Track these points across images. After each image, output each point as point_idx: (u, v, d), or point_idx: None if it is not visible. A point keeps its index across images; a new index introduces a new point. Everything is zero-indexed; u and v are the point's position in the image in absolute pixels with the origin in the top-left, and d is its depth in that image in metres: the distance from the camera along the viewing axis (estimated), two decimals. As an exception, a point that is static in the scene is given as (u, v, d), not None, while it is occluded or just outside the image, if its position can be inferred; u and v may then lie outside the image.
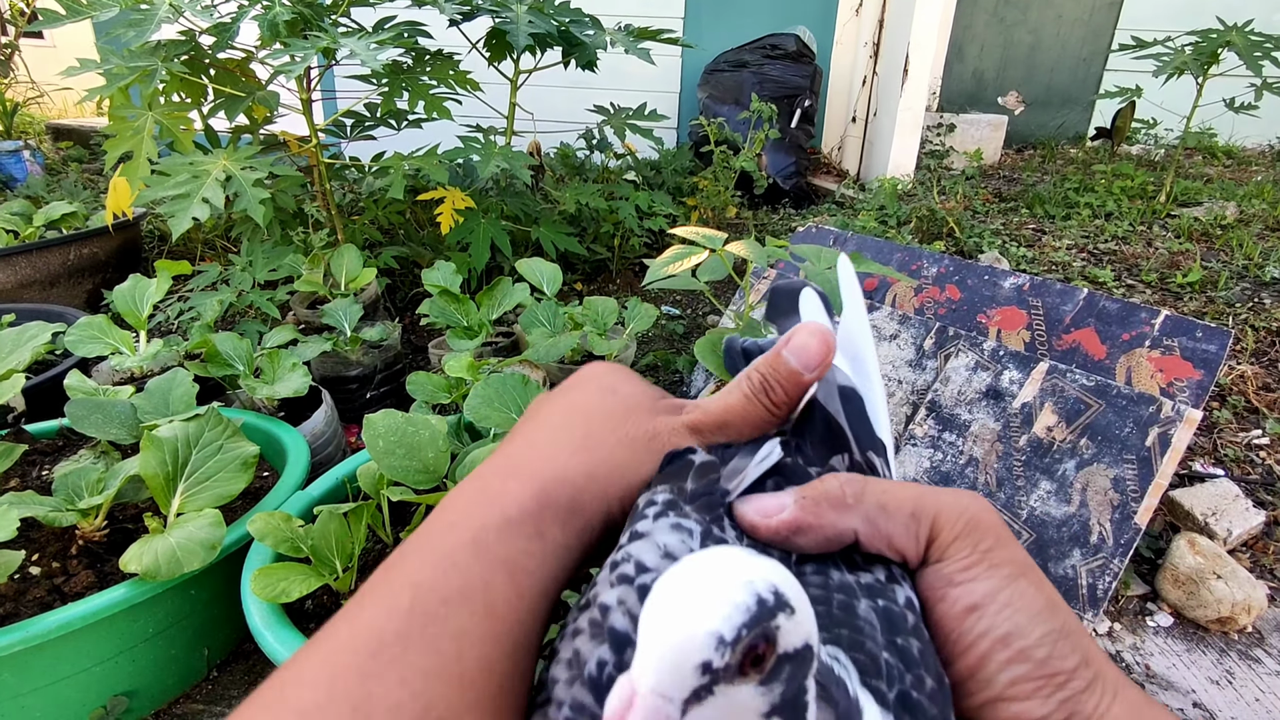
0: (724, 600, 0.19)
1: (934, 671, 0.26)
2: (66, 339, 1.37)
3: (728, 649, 0.18)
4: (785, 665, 0.20)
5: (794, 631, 0.20)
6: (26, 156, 3.38)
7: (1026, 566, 0.28)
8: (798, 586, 0.21)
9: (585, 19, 2.05)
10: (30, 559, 0.99)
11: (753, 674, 0.19)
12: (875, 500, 0.29)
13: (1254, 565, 1.29)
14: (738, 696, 0.19)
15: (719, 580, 0.19)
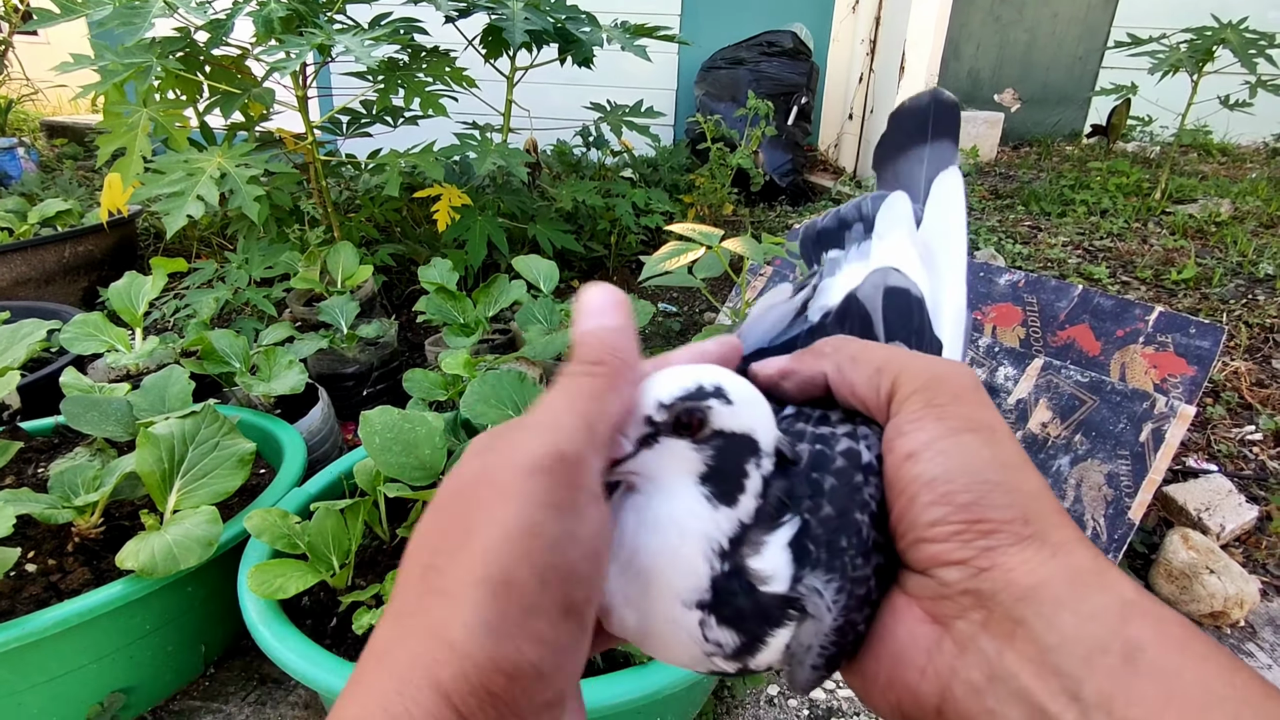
0: (675, 383, 0.28)
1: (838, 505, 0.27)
2: (62, 336, 1.36)
3: (664, 410, 0.27)
4: (720, 438, 0.27)
5: (730, 417, 0.27)
6: (21, 154, 3.36)
7: (982, 425, 0.27)
8: (750, 396, 0.28)
9: (581, 15, 2.04)
10: (26, 556, 0.99)
11: (685, 435, 0.27)
12: (849, 352, 0.31)
13: (1246, 560, 1.29)
14: (674, 448, 0.27)
15: (681, 374, 0.28)
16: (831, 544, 0.27)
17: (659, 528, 0.27)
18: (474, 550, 0.23)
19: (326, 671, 0.75)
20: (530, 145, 2.95)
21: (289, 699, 1.04)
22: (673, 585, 0.27)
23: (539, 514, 0.23)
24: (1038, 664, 0.22)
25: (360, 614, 0.83)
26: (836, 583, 0.26)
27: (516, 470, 0.24)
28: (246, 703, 1.03)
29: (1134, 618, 0.22)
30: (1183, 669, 0.21)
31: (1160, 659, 0.21)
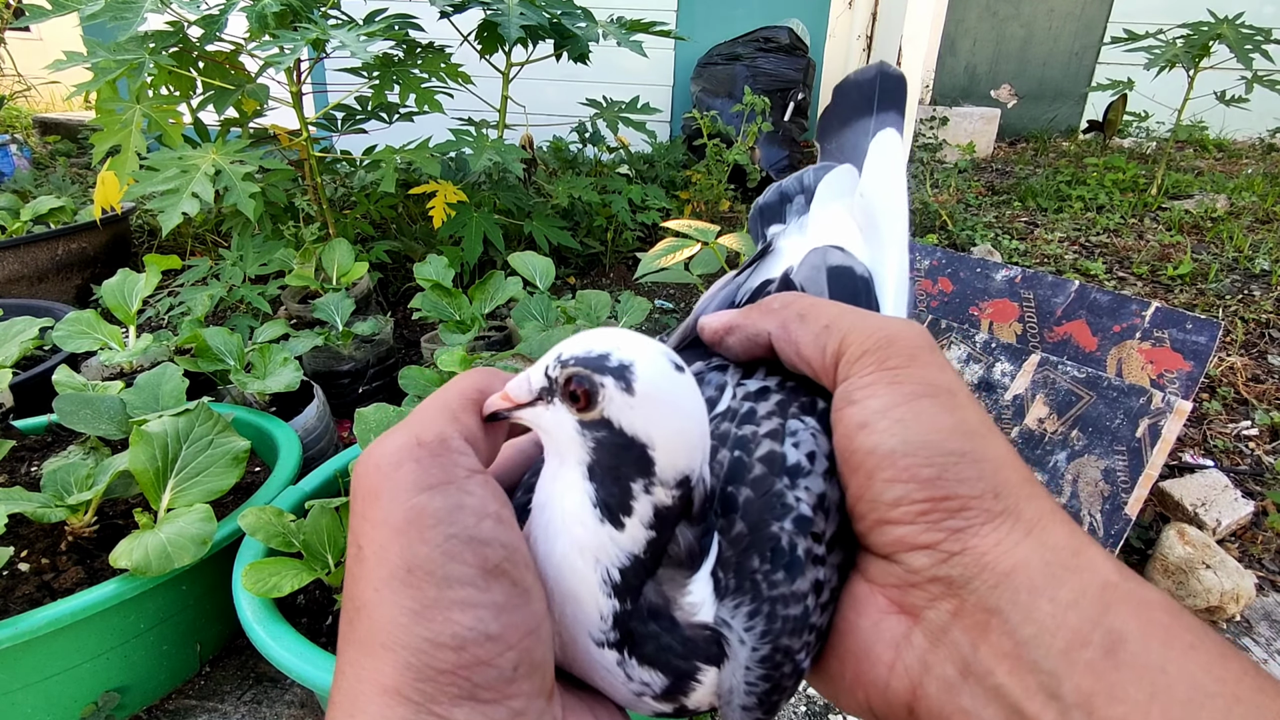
0: (585, 343, 0.24)
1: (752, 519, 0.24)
2: (55, 334, 1.36)
3: (559, 366, 0.23)
4: (605, 430, 0.23)
5: (625, 412, 0.23)
6: (13, 151, 3.34)
7: (940, 388, 0.25)
8: (666, 397, 0.23)
9: (577, 11, 2.03)
10: (19, 555, 0.98)
11: (573, 408, 0.23)
12: (797, 309, 0.28)
13: (1242, 555, 1.30)
14: (563, 419, 0.24)
15: (603, 337, 0.24)
16: (741, 566, 0.24)
17: (555, 533, 0.24)
18: (369, 557, 0.23)
19: (322, 670, 0.75)
20: (526, 141, 2.94)
21: (285, 698, 1.03)
22: (579, 619, 0.24)
23: (416, 498, 0.23)
24: (1014, 659, 0.21)
25: (356, 612, 0.83)
26: (747, 608, 0.23)
27: (382, 470, 0.24)
28: (242, 701, 1.03)
29: (1115, 604, 0.20)
30: (1168, 662, 0.19)
31: (1144, 651, 0.20)
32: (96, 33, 2.74)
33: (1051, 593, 0.21)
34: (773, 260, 0.38)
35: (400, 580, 0.22)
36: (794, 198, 0.40)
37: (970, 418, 0.24)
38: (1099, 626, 0.20)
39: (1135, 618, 0.20)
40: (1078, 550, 0.22)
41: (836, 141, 0.42)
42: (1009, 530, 0.22)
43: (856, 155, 0.40)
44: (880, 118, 0.40)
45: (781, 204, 0.40)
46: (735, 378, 0.30)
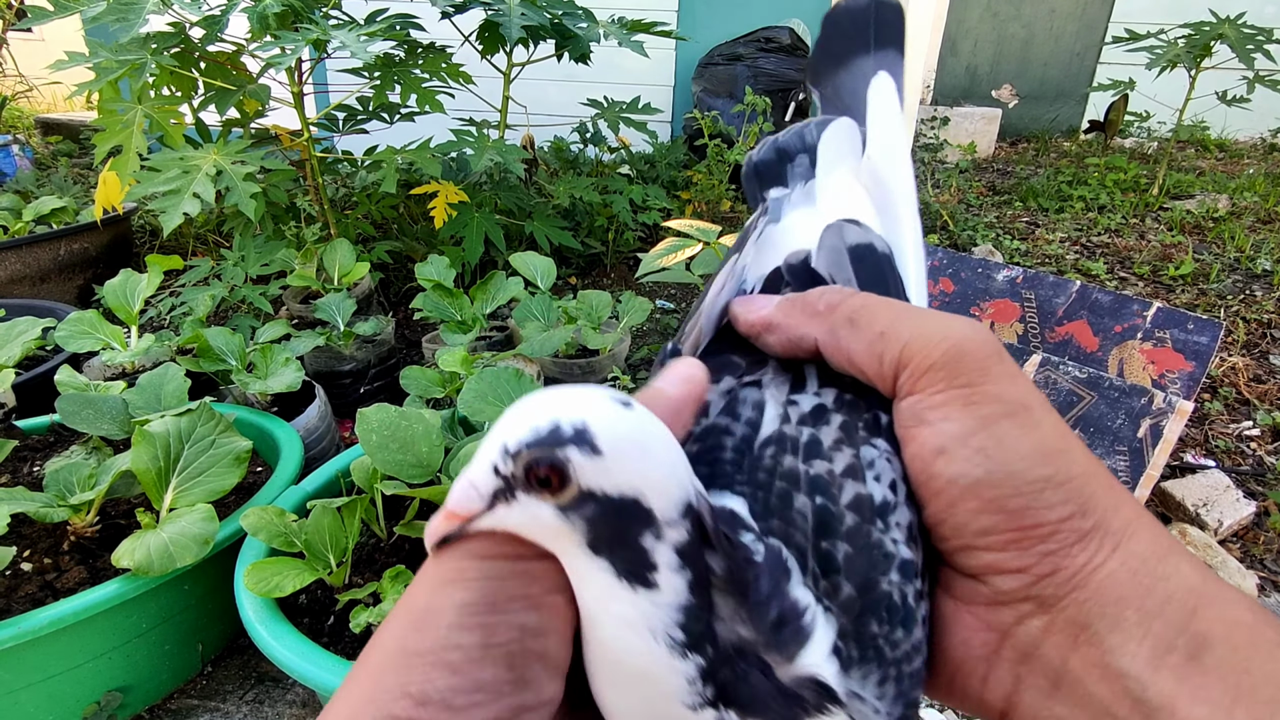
0: (526, 420, 0.21)
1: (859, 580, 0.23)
2: (57, 334, 1.36)
3: (509, 458, 0.21)
4: (590, 503, 0.21)
5: (602, 475, 0.21)
6: (15, 151, 3.35)
7: (1018, 406, 0.24)
8: (632, 441, 0.21)
9: (578, 11, 2.04)
10: (22, 555, 0.98)
11: (546, 495, 0.21)
12: (847, 312, 0.27)
13: (1244, 555, 1.30)
14: (539, 513, 0.21)
15: (541, 407, 0.21)
16: (861, 634, 0.22)
17: (596, 622, 0.23)
18: (413, 589, 0.23)
19: (323, 670, 0.75)
20: (527, 142, 2.94)
21: (286, 697, 1.04)
22: (663, 695, 0.23)
23: (465, 557, 0.23)
24: (1102, 668, 0.21)
25: (357, 612, 0.83)
26: (876, 675, 0.22)
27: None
28: (244, 701, 1.03)
29: (1200, 608, 0.21)
30: (1251, 663, 0.20)
31: (1229, 653, 0.20)
32: (98, 33, 2.74)
33: (1139, 602, 0.21)
34: (780, 237, 0.34)
35: (415, 616, 0.22)
36: (795, 156, 0.36)
37: (1050, 435, 0.24)
38: (1184, 632, 0.20)
39: (1219, 621, 0.20)
40: (1163, 556, 0.22)
41: (833, 85, 0.38)
42: (1098, 546, 0.22)
43: (856, 102, 0.37)
44: (879, 56, 0.37)
45: (781, 163, 0.36)
46: (780, 392, 0.27)
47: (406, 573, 0.88)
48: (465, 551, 0.23)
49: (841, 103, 0.38)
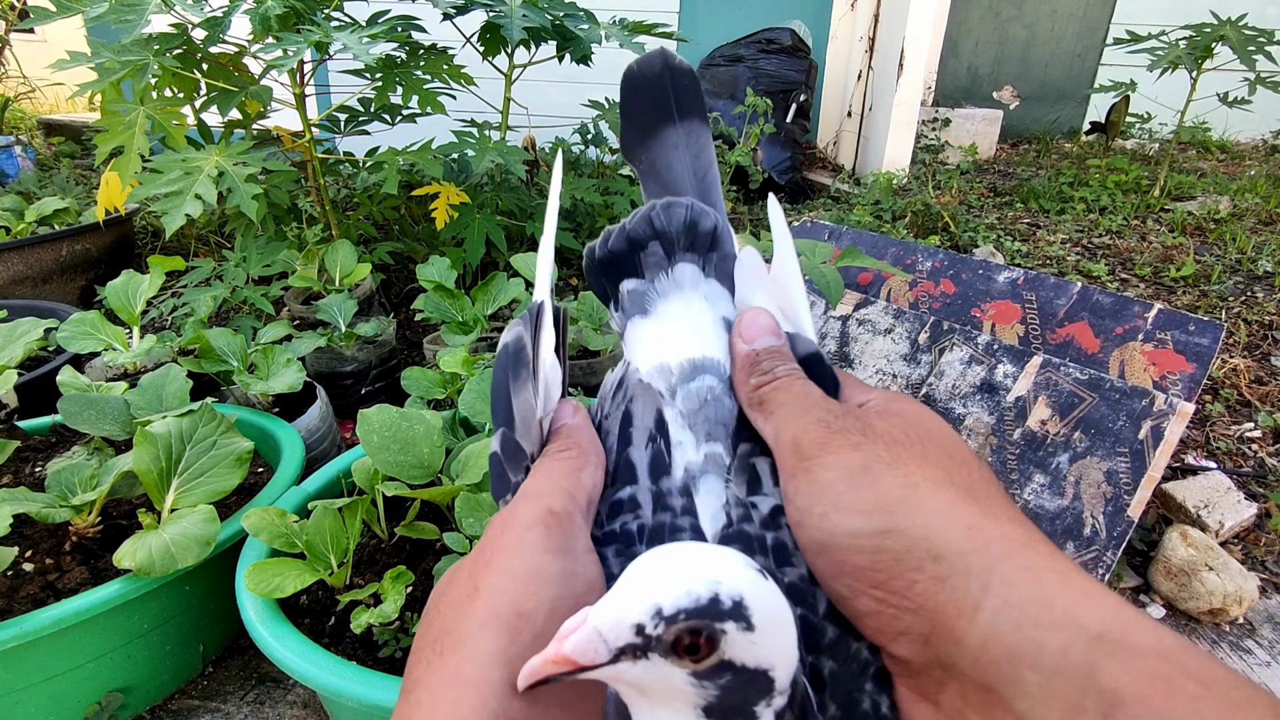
0: (683, 583, 0.20)
1: None
2: (59, 335, 1.36)
3: (661, 622, 0.20)
4: (728, 673, 0.21)
5: (747, 649, 0.20)
6: (18, 152, 3.35)
7: (857, 468, 0.24)
8: (778, 618, 0.21)
9: (579, 13, 2.04)
10: (24, 555, 0.98)
11: (687, 660, 0.20)
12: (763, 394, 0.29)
13: (1245, 557, 1.29)
14: (668, 674, 0.21)
15: (694, 568, 0.21)
16: None
17: None
18: (481, 599, 0.24)
19: (324, 670, 0.75)
20: (529, 143, 2.94)
21: (288, 698, 1.04)
22: None
23: (540, 558, 0.24)
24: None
25: (358, 613, 0.83)
26: None
27: (515, 530, 0.25)
28: (245, 702, 1.03)
29: (1103, 661, 0.19)
30: (1171, 718, 0.18)
31: (1144, 712, 0.18)
32: (101, 34, 2.75)
33: (1033, 660, 0.20)
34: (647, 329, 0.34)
35: (504, 624, 0.23)
36: (648, 244, 0.35)
37: (890, 487, 0.23)
38: (1089, 690, 0.19)
39: (1128, 673, 0.19)
40: (1048, 602, 0.20)
41: (648, 160, 0.38)
42: (964, 591, 0.21)
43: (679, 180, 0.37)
44: (686, 127, 0.37)
45: (633, 252, 0.35)
46: (734, 488, 0.28)
47: (407, 573, 0.88)
48: (540, 547, 0.25)
49: (660, 178, 0.37)
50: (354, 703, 0.73)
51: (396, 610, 0.83)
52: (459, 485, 0.94)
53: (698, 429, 0.31)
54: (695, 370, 0.32)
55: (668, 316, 0.34)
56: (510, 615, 0.23)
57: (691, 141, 0.37)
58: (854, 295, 1.64)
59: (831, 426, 0.26)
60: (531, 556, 0.25)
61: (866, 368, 1.54)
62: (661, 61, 0.37)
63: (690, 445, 0.31)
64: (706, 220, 0.35)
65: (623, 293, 0.35)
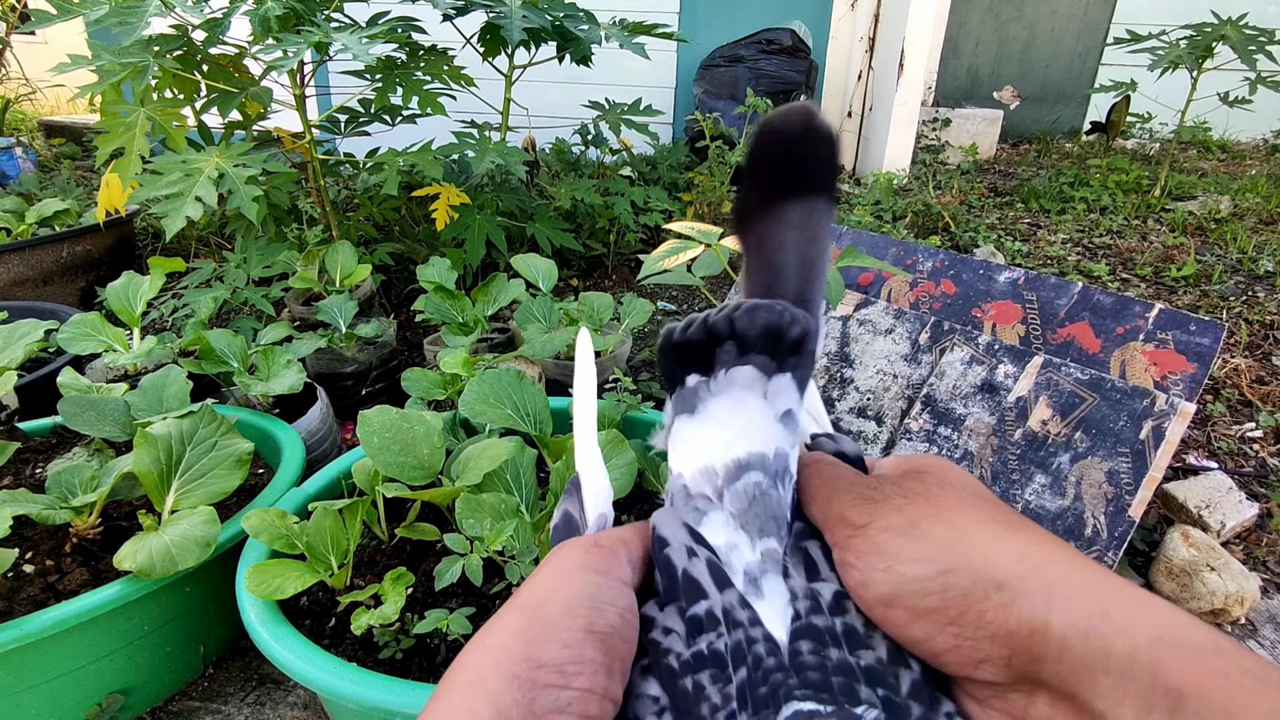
0: None
1: None
2: (59, 336, 1.36)
3: None
4: None
5: None
6: (19, 153, 3.36)
7: (906, 525, 0.27)
8: None
9: (580, 14, 2.04)
10: (24, 557, 0.98)
11: None
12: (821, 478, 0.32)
13: (1247, 557, 1.29)
14: None
15: None
16: None
17: None
18: (513, 600, 0.28)
19: (325, 672, 0.75)
20: (529, 144, 2.95)
21: (288, 699, 1.04)
22: None
23: (574, 573, 0.28)
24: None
25: (359, 614, 0.83)
26: None
27: (558, 553, 0.30)
28: (245, 703, 1.03)
29: (1165, 659, 0.21)
30: (1231, 708, 0.19)
31: (1205, 707, 0.20)
32: (101, 37, 2.75)
33: (1104, 665, 0.21)
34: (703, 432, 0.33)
35: (527, 613, 0.27)
36: (725, 341, 0.32)
37: (941, 536, 0.26)
38: (1158, 688, 0.20)
39: (1188, 669, 0.20)
40: (1107, 612, 0.22)
41: (758, 232, 0.34)
42: (1030, 610, 0.23)
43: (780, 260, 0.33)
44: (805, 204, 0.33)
45: (710, 345, 0.33)
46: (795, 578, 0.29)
47: (407, 575, 0.88)
48: (575, 564, 0.29)
49: (763, 257, 0.34)
50: (354, 704, 0.73)
51: (397, 611, 0.83)
52: (459, 486, 0.94)
53: (750, 527, 0.31)
54: (741, 469, 0.32)
55: (714, 417, 0.33)
56: (533, 605, 0.27)
57: (810, 223, 0.33)
58: (854, 295, 1.64)
59: (873, 497, 0.29)
60: (565, 571, 0.29)
61: (867, 368, 1.54)
62: (804, 121, 0.31)
63: (746, 546, 0.30)
64: (794, 329, 0.32)
65: (685, 386, 0.34)
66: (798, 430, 0.33)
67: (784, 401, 0.33)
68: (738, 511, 0.31)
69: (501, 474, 1.00)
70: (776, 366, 0.32)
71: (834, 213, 0.34)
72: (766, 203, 0.33)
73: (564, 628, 0.26)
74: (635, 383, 1.58)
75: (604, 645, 0.26)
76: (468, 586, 0.94)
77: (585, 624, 0.27)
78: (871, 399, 1.50)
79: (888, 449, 1.43)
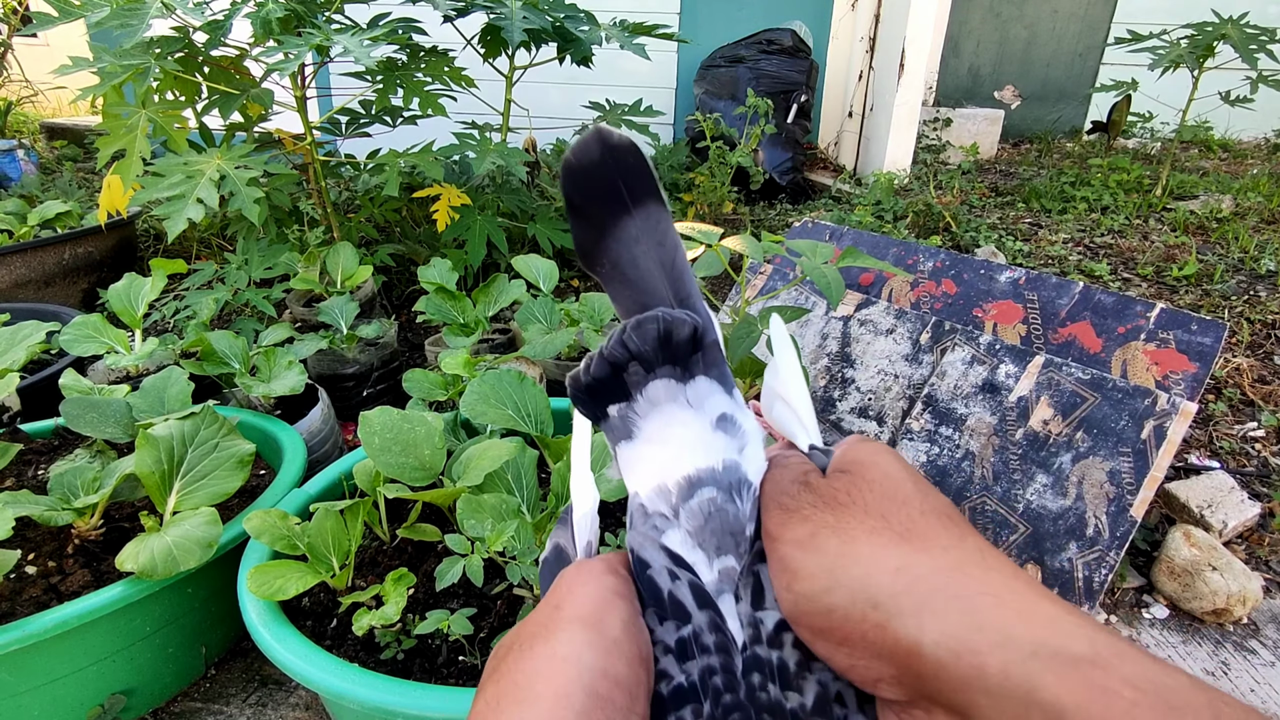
0: None
1: None
2: (61, 338, 1.36)
3: None
4: None
5: None
6: (21, 155, 3.36)
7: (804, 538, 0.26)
8: None
9: (580, 14, 2.04)
10: (26, 558, 0.99)
11: None
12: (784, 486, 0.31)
13: (1249, 557, 1.29)
14: None
15: None
16: None
17: None
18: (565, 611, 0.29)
19: (326, 673, 0.75)
20: (529, 144, 2.95)
21: (290, 700, 1.04)
22: None
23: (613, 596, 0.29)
24: None
25: (360, 615, 0.83)
26: None
27: (589, 569, 0.31)
28: (247, 704, 1.03)
29: (1039, 676, 0.20)
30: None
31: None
32: (103, 39, 2.76)
33: (980, 684, 0.21)
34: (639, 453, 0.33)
35: (589, 623, 0.27)
36: (628, 365, 0.33)
37: (831, 550, 0.25)
38: (1033, 707, 0.20)
39: (1064, 685, 0.20)
40: (981, 627, 0.22)
41: (609, 260, 0.34)
42: (906, 632, 0.22)
43: (650, 279, 0.34)
44: (641, 214, 0.33)
45: (616, 375, 0.33)
46: (744, 603, 0.29)
47: (409, 575, 0.88)
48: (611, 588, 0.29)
49: (625, 277, 0.34)
50: (356, 705, 0.73)
51: (398, 612, 0.83)
52: (460, 487, 0.94)
53: (707, 545, 0.30)
54: (693, 486, 0.32)
55: (651, 437, 0.33)
56: (594, 619, 0.27)
57: (651, 229, 0.33)
58: (855, 296, 1.64)
59: (788, 506, 0.28)
60: (606, 592, 0.29)
61: (868, 368, 1.54)
62: (599, 145, 0.32)
63: (704, 564, 0.30)
64: (683, 328, 0.32)
65: (611, 417, 0.34)
66: (743, 435, 0.33)
67: (713, 405, 0.33)
68: (694, 529, 0.31)
69: (503, 475, 1.00)
70: (686, 372, 0.33)
71: (668, 210, 0.34)
72: (603, 233, 0.34)
73: (624, 649, 0.26)
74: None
75: (647, 669, 0.27)
76: (469, 587, 0.94)
77: (638, 649, 0.27)
78: (873, 399, 1.50)
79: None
